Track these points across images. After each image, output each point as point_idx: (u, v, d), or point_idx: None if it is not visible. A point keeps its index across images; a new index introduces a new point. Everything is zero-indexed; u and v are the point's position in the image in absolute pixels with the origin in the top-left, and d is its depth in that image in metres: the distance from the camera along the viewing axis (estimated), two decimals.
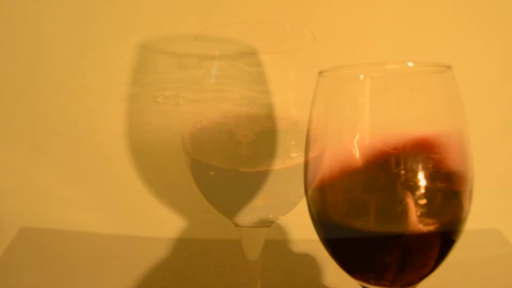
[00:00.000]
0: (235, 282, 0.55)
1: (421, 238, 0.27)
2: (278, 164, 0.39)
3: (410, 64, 0.28)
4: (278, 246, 0.54)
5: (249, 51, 0.48)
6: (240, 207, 0.40)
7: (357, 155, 0.28)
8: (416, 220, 0.26)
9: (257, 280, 0.45)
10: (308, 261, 0.53)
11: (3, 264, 0.57)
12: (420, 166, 0.26)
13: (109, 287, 0.57)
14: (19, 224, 0.57)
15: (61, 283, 0.58)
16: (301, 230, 0.52)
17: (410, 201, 0.26)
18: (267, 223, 0.42)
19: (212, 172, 0.40)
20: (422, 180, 0.26)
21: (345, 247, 0.29)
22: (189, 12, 0.51)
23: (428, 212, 0.26)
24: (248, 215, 0.40)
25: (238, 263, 0.55)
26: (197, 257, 0.55)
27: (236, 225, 0.42)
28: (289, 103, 0.43)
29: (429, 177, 0.27)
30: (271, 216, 0.42)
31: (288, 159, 0.39)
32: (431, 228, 0.27)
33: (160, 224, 0.55)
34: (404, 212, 0.26)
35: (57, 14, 0.53)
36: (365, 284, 0.29)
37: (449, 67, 0.28)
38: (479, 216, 0.49)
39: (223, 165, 0.39)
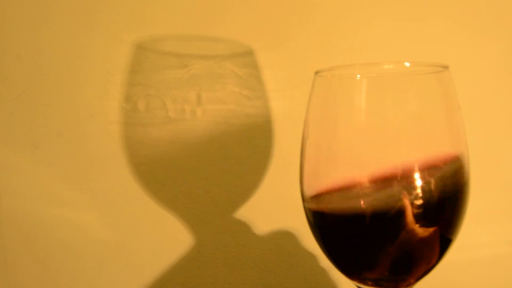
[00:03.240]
0: (233, 282, 0.55)
1: (417, 238, 0.27)
2: None
3: (407, 64, 0.28)
4: (276, 247, 0.54)
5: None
6: None
7: (354, 154, 0.28)
8: (413, 221, 0.26)
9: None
10: (306, 262, 0.53)
11: (3, 264, 0.57)
12: (416, 168, 0.26)
13: (109, 287, 0.57)
14: (19, 224, 0.57)
15: (61, 283, 0.58)
16: (299, 232, 0.52)
17: (406, 201, 0.26)
18: None
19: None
20: (418, 180, 0.26)
21: (341, 248, 0.29)
22: (189, 12, 0.51)
23: (424, 212, 0.26)
24: None
25: (236, 263, 0.55)
26: (195, 258, 0.55)
27: None
28: None
29: (426, 177, 0.26)
30: None
31: None
32: (427, 228, 0.27)
33: (160, 224, 0.55)
34: (401, 213, 0.26)
35: (57, 14, 0.53)
36: (361, 285, 0.29)
37: (446, 67, 0.28)
38: (479, 216, 0.49)
39: None
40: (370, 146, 0.28)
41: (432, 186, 0.27)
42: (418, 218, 0.26)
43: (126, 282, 0.57)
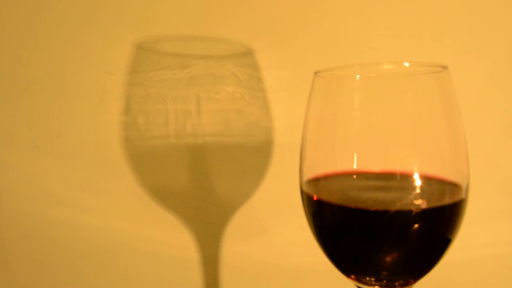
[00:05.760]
0: (233, 282, 0.55)
1: (416, 237, 0.27)
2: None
3: (406, 64, 0.28)
4: (277, 248, 0.54)
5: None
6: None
7: (353, 154, 0.28)
8: (411, 220, 0.26)
9: None
10: (307, 263, 0.53)
11: (3, 264, 0.57)
12: (415, 167, 0.26)
13: (108, 287, 0.57)
14: (19, 224, 0.57)
15: (60, 282, 0.58)
16: (299, 232, 0.52)
17: (405, 201, 0.26)
18: None
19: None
20: (417, 180, 0.26)
21: (340, 246, 0.29)
22: (189, 12, 0.51)
23: (423, 212, 0.26)
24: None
25: (236, 263, 0.55)
26: (195, 258, 0.55)
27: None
28: None
29: (425, 177, 0.26)
30: None
31: None
32: (426, 227, 0.27)
33: (160, 224, 0.55)
34: (400, 213, 0.26)
35: (57, 14, 0.53)
36: (360, 285, 0.29)
37: (445, 67, 0.28)
38: (479, 216, 0.49)
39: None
40: (369, 146, 0.28)
41: (431, 186, 0.27)
42: (417, 218, 0.26)
43: (125, 282, 0.57)
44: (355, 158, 0.28)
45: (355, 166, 0.28)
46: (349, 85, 0.28)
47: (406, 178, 0.26)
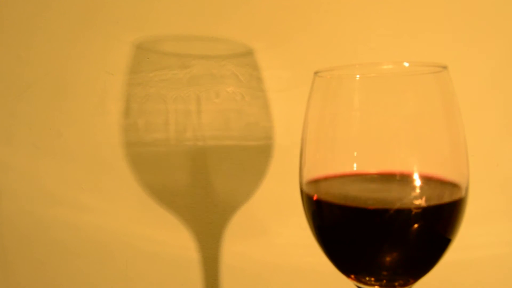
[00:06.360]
0: (234, 282, 0.55)
1: (416, 237, 0.27)
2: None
3: (406, 64, 0.28)
4: (277, 248, 0.54)
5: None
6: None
7: (353, 154, 0.28)
8: (411, 219, 0.26)
9: None
10: (307, 263, 0.53)
11: (3, 264, 0.57)
12: (415, 168, 0.26)
13: (108, 287, 0.57)
14: (19, 224, 0.57)
15: (60, 283, 0.58)
16: (299, 232, 0.52)
17: (405, 201, 0.26)
18: None
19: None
20: (417, 181, 0.26)
21: (340, 246, 0.29)
22: (189, 12, 0.51)
23: (423, 212, 0.26)
24: None
25: (236, 264, 0.55)
26: (195, 258, 0.55)
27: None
28: None
29: (424, 177, 0.26)
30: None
31: None
32: (426, 227, 0.27)
33: (160, 224, 0.55)
34: (400, 212, 0.26)
35: (57, 14, 0.53)
36: (360, 285, 0.29)
37: (445, 67, 0.28)
38: (479, 216, 0.49)
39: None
40: (369, 146, 0.28)
41: (431, 186, 0.27)
42: (416, 217, 0.26)
43: (125, 282, 0.57)
44: (355, 158, 0.28)
45: (355, 166, 0.28)
46: (349, 85, 0.28)
47: (406, 178, 0.26)
